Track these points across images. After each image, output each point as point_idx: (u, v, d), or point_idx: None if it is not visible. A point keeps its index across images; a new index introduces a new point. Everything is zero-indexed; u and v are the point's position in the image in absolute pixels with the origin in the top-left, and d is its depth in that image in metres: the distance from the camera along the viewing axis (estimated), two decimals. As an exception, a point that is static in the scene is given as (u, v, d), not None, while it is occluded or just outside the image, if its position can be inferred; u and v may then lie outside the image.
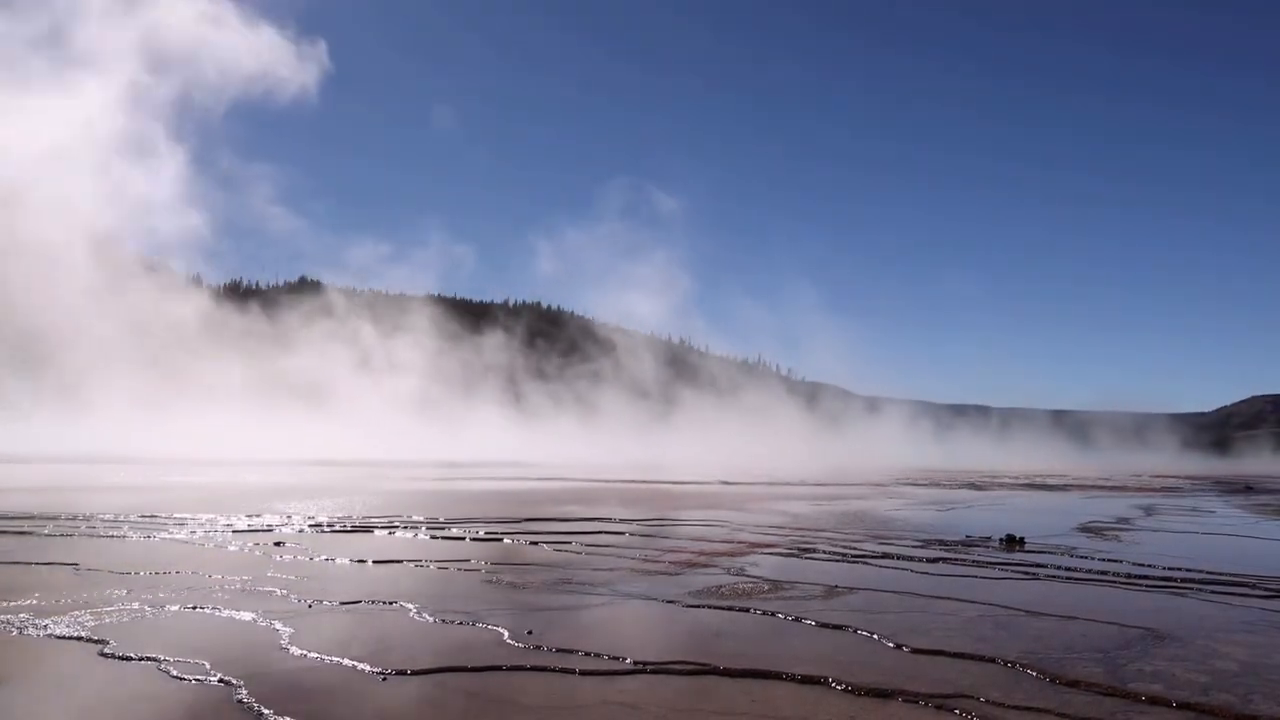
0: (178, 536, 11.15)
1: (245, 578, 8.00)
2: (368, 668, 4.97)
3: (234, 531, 11.81)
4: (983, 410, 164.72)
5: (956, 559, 10.16)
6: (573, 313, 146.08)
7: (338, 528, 12.48)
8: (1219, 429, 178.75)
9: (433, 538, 11.54)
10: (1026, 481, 35.96)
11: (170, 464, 35.14)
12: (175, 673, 4.82)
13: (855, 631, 6.14)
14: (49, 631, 5.77)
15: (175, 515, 13.64)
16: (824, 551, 10.61)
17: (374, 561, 9.22)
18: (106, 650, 5.27)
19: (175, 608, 6.62)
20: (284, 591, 7.35)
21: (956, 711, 4.35)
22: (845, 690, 4.69)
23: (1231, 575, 9.09)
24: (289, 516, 13.73)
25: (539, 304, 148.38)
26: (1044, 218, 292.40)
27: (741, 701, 4.50)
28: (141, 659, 5.08)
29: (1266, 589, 8.31)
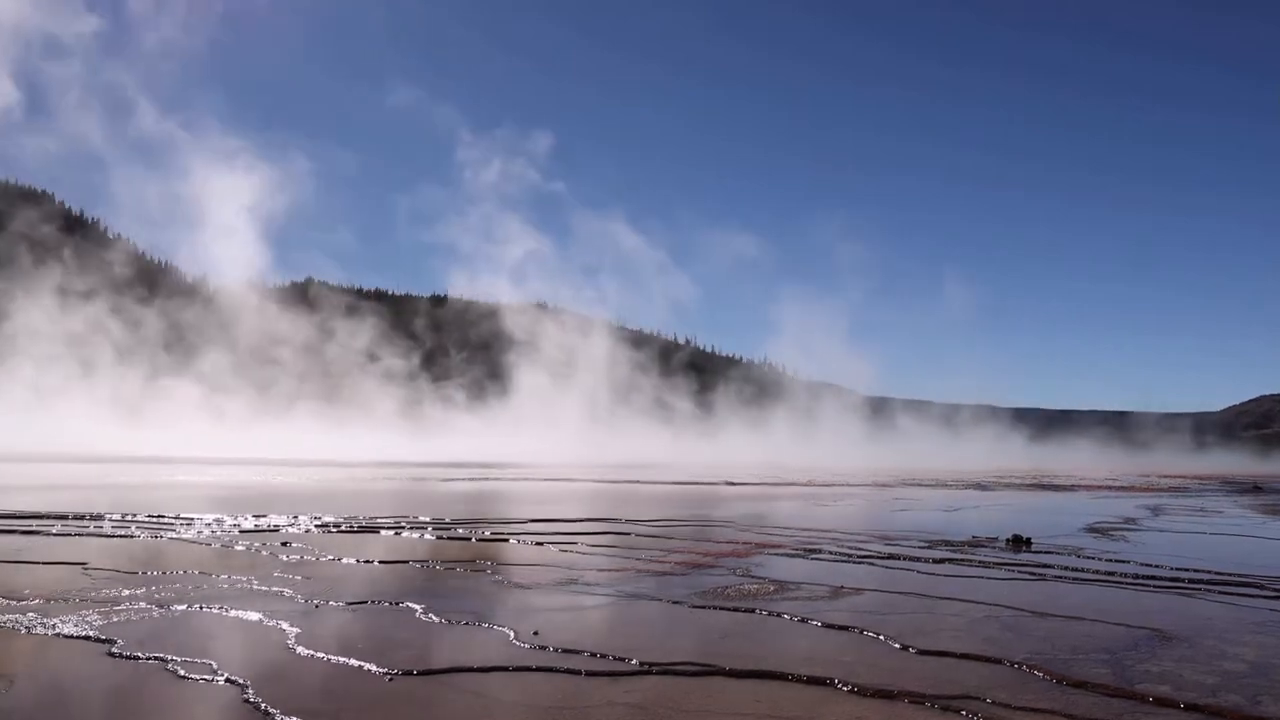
0: (185, 536, 11.19)
1: (252, 577, 8.03)
2: (374, 667, 4.99)
3: (241, 531, 11.85)
4: (989, 410, 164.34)
5: (963, 559, 10.14)
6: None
7: (344, 528, 12.51)
8: (1228, 428, 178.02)
9: (438, 538, 11.56)
10: (1033, 482, 35.84)
11: (164, 463, 35.27)
12: (182, 672, 4.84)
13: (861, 632, 6.13)
14: (57, 630, 5.79)
15: (183, 515, 13.69)
16: (829, 552, 10.60)
17: (380, 562, 9.24)
18: (114, 650, 5.29)
19: (183, 607, 6.64)
20: (291, 591, 7.38)
21: (963, 713, 4.34)
22: (851, 691, 4.69)
23: (1240, 576, 9.05)
24: (296, 516, 13.77)
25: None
26: (1051, 216, 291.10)
27: (747, 702, 4.49)
28: (149, 658, 5.10)
29: (1275, 590, 8.27)
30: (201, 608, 6.63)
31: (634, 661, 5.19)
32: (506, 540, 11.35)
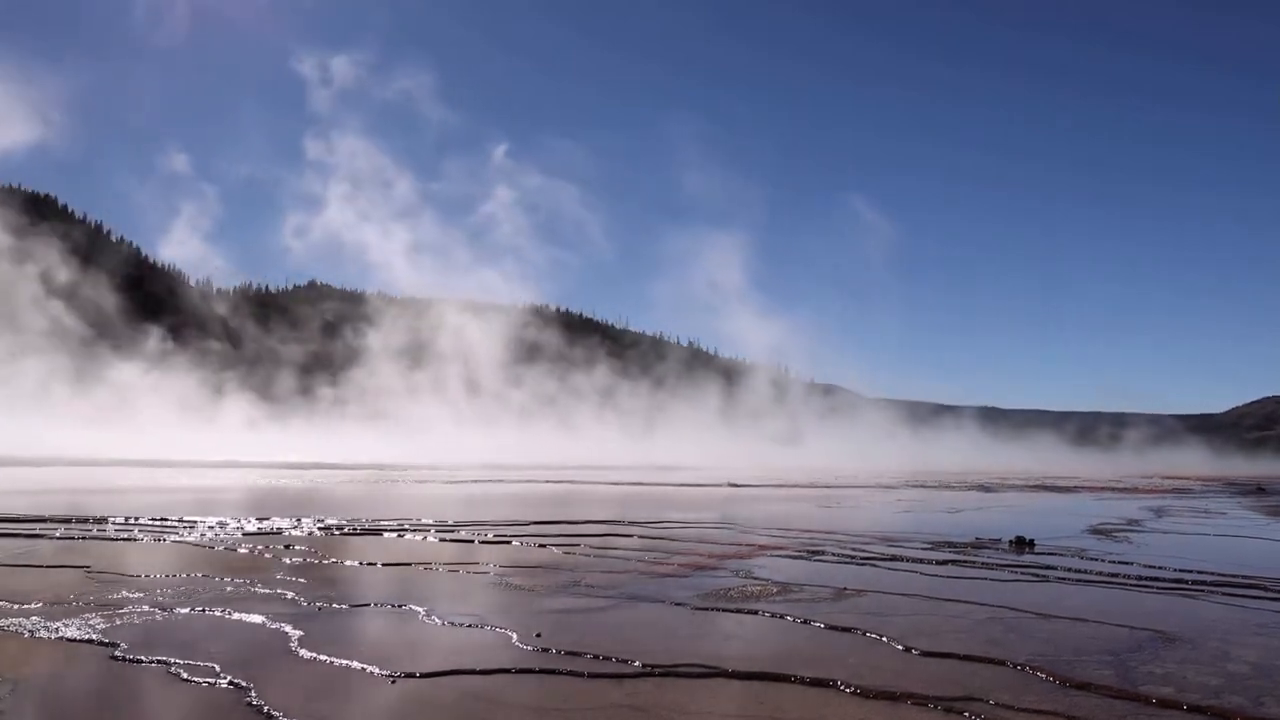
0: (188, 539, 11.20)
1: (255, 580, 8.03)
2: (377, 670, 4.99)
3: (244, 534, 11.86)
4: (993, 412, 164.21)
5: (966, 561, 10.13)
6: (564, 309, 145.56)
7: (347, 530, 12.52)
8: (1231, 430, 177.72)
9: (441, 540, 11.56)
10: (1036, 483, 35.81)
11: (167, 467, 35.29)
12: (185, 675, 4.84)
13: (864, 634, 6.12)
14: (60, 634, 5.80)
15: (186, 518, 13.71)
16: (832, 553, 10.59)
17: (383, 564, 9.25)
18: (117, 653, 5.30)
19: (185, 610, 6.65)
20: (293, 594, 7.38)
21: (965, 714, 4.33)
22: (854, 693, 4.69)
23: (1243, 577, 9.03)
24: (298, 519, 13.78)
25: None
26: (1052, 216, 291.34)
27: (750, 704, 4.49)
28: (152, 661, 5.11)
29: (1278, 591, 8.25)
30: (204, 610, 6.64)
31: (637, 663, 5.19)
32: (509, 542, 11.35)
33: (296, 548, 10.43)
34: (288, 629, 6.00)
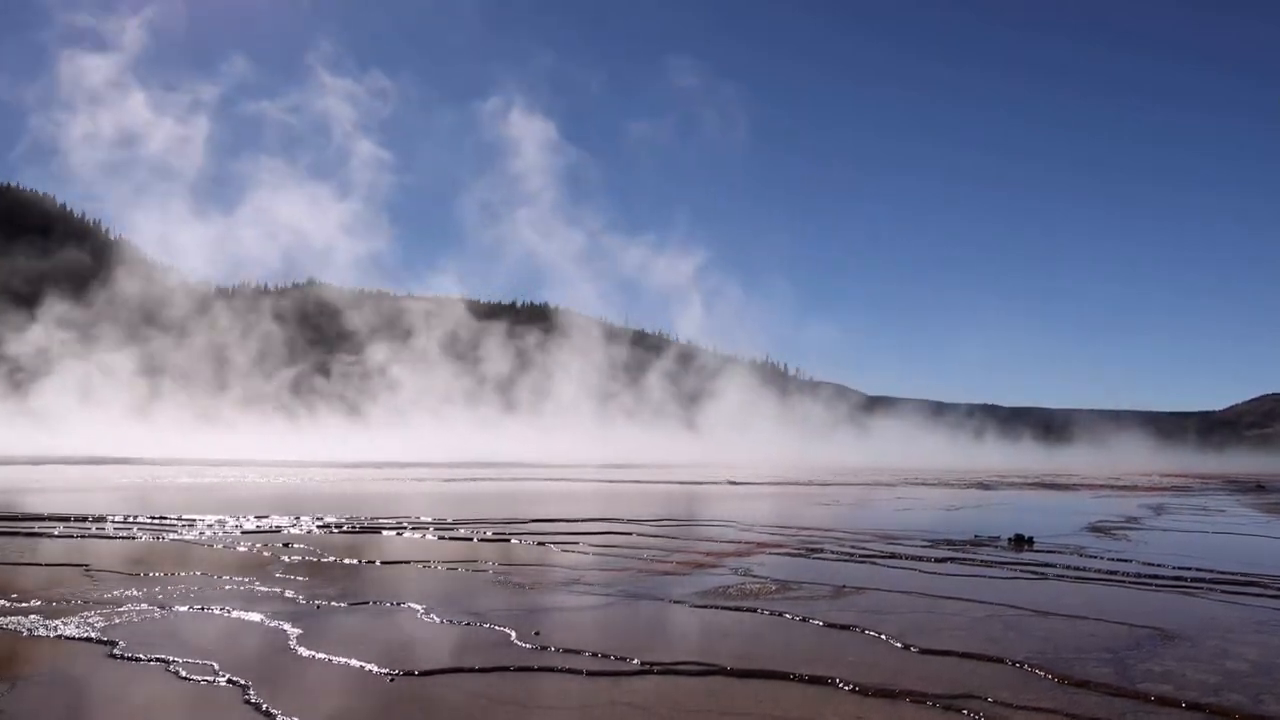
0: (187, 537, 11.20)
1: (254, 578, 8.03)
2: (375, 668, 4.98)
3: (243, 532, 11.86)
4: (992, 410, 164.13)
5: (965, 559, 10.13)
6: (557, 306, 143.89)
7: (345, 529, 12.52)
8: (1230, 427, 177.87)
9: (440, 538, 11.56)
10: (1035, 481, 35.83)
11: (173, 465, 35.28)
12: (184, 673, 4.84)
13: (863, 632, 6.12)
14: (59, 632, 5.80)
15: (185, 516, 13.70)
16: (831, 551, 10.59)
17: (382, 562, 9.25)
18: (116, 651, 5.29)
19: (184, 608, 6.65)
20: (292, 592, 7.38)
21: (964, 712, 4.33)
22: (852, 691, 4.68)
23: (1242, 575, 9.03)
24: (297, 518, 13.78)
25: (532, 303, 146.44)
26: (1051, 216, 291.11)
27: (749, 702, 4.49)
28: (151, 660, 5.11)
29: (1278, 589, 8.25)
30: (203, 609, 6.64)
31: (635, 661, 5.18)
32: (508, 540, 11.35)
33: (295, 546, 10.43)
34: (287, 627, 6.00)
